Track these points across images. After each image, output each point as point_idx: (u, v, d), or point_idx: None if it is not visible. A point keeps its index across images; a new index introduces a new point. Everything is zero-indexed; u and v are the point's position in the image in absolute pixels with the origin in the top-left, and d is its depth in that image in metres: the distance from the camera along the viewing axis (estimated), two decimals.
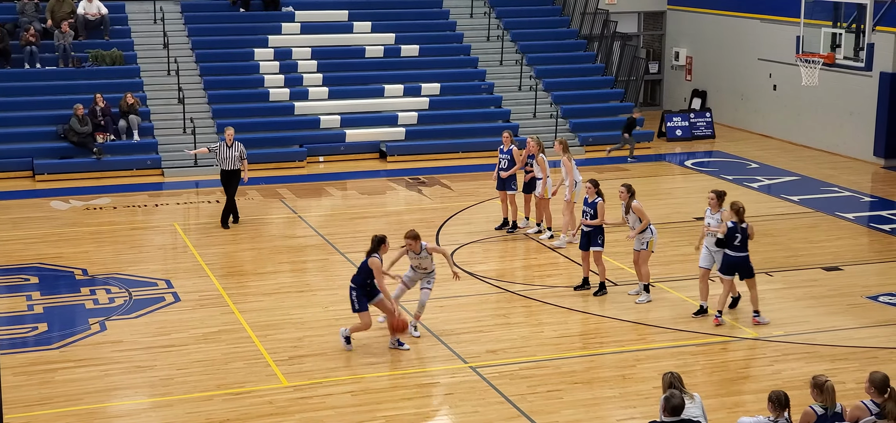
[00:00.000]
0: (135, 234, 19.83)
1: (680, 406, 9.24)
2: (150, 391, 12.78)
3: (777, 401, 9.45)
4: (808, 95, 26.81)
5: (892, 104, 25.37)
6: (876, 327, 14.91)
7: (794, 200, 22.27)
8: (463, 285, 16.61)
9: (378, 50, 28.85)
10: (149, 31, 28.15)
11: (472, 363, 13.54)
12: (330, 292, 16.34)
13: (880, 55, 24.23)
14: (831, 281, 16.98)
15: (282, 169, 24.88)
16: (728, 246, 14.65)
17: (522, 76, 29.16)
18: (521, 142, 19.96)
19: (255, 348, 13.97)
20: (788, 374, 13.16)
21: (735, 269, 14.75)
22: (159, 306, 15.59)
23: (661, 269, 17.25)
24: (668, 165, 26.38)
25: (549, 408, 12.23)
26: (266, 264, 17.74)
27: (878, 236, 19.87)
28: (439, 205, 21.71)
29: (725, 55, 30.93)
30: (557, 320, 15.16)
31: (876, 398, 9.59)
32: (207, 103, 26.53)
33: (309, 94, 27.23)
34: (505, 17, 30.95)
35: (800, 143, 28.17)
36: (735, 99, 30.73)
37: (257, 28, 28.63)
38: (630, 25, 33.14)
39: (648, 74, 33.43)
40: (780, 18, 27.99)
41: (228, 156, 19.65)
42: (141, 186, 23.35)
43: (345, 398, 12.48)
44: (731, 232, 14.60)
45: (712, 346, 14.22)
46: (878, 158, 25.80)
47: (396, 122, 26.97)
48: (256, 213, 21.08)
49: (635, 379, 13.10)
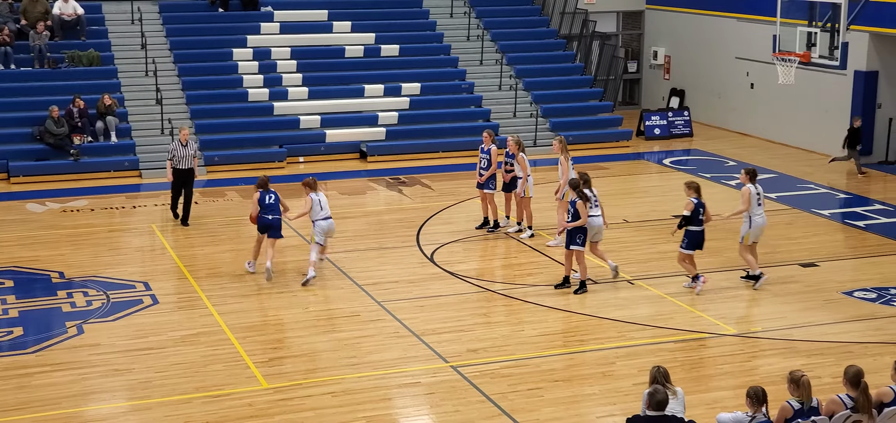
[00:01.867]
0: (112, 236, 19.77)
1: (664, 402, 9.29)
2: (129, 394, 12.74)
3: (755, 397, 9.52)
4: (784, 93, 26.96)
5: (866, 102, 25.56)
6: (851, 322, 15.02)
7: (771, 197, 22.36)
8: (443, 284, 16.67)
9: (358, 50, 28.83)
10: (126, 32, 28.05)
11: (453, 362, 13.57)
12: (309, 292, 16.32)
13: (854, 54, 24.39)
14: (808, 277, 17.09)
15: (261, 170, 24.78)
16: (694, 223, 15.65)
17: (502, 76, 29.21)
18: (502, 141, 19.97)
19: (234, 350, 13.95)
20: (766, 369, 13.25)
21: (700, 242, 15.86)
22: (137, 309, 15.54)
23: (640, 266, 17.33)
24: (646, 164, 26.48)
25: (529, 406, 12.27)
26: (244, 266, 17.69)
27: (854, 233, 20.01)
28: (420, 205, 21.73)
29: (703, 54, 31.07)
30: (538, 318, 15.21)
31: (851, 392, 9.68)
32: (186, 104, 26.46)
33: (288, 94, 27.20)
34: (485, 17, 30.99)
35: (776, 141, 28.33)
36: (713, 98, 30.87)
37: (236, 28, 28.57)
38: (609, 25, 33.23)
39: (627, 73, 33.54)
40: (757, 17, 28.13)
41: (184, 155, 19.83)
42: (118, 187, 23.26)
43: (325, 399, 12.48)
44: (696, 208, 15.76)
45: (691, 342, 14.30)
46: None
47: (377, 122, 26.97)
48: (235, 214, 21.04)
49: (615, 376, 13.16)
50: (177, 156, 19.85)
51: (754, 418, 9.48)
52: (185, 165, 19.88)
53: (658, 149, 28.16)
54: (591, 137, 27.61)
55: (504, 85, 29.04)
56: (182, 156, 19.82)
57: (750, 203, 16.21)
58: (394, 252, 18.48)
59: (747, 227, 16.33)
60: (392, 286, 16.60)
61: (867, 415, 9.63)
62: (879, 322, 15.00)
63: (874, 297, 16.05)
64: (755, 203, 16.27)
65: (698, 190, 15.96)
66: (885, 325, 14.90)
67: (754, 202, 16.26)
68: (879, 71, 25.53)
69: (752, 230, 16.34)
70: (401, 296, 16.12)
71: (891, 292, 16.23)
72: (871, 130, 25.75)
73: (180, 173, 19.91)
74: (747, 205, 16.22)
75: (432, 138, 26.78)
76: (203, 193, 22.82)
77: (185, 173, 19.94)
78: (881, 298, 16.00)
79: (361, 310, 15.53)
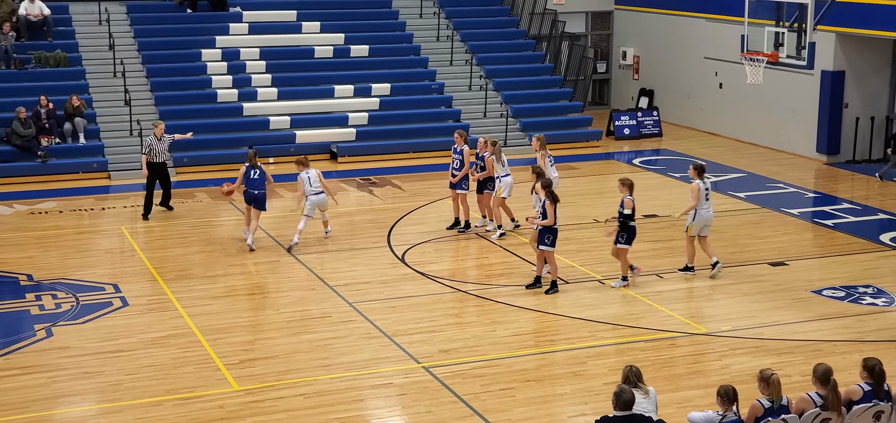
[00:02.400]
0: (81, 238, 19.63)
1: (630, 401, 9.33)
2: (99, 397, 12.66)
3: (726, 395, 9.57)
4: (752, 93, 27.13)
5: (833, 102, 25.78)
6: (820, 320, 15.14)
7: (741, 196, 22.53)
8: (415, 285, 16.66)
9: (327, 50, 28.78)
10: (94, 33, 27.87)
11: (425, 362, 13.57)
12: (281, 294, 16.28)
13: (821, 54, 24.59)
14: (777, 276, 17.22)
15: (231, 171, 24.64)
16: (632, 219, 16.16)
17: (472, 76, 29.24)
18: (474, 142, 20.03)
19: (204, 353, 13.89)
20: (736, 368, 13.33)
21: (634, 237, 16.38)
22: (107, 311, 15.44)
23: (611, 266, 17.38)
24: (616, 164, 26.59)
25: (501, 406, 12.29)
26: (215, 267, 17.64)
27: (822, 231, 20.17)
28: (391, 205, 21.71)
29: (672, 54, 31.22)
30: (510, 318, 15.23)
31: (820, 390, 9.76)
32: (154, 105, 26.30)
33: (258, 95, 27.11)
34: (454, 18, 31.01)
35: (745, 140, 28.52)
36: (681, 97, 31.02)
37: (204, 29, 28.44)
38: (578, 25, 33.33)
39: (596, 73, 33.65)
40: (725, 18, 28.30)
41: (160, 149, 20.43)
42: (87, 189, 23.11)
43: (297, 401, 12.44)
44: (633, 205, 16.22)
45: (661, 342, 14.36)
46: (821, 155, 26.20)
47: (347, 122, 26.93)
48: (206, 215, 20.96)
49: (586, 376, 13.20)
50: (153, 150, 20.39)
51: (725, 416, 9.53)
52: (160, 159, 20.50)
53: (628, 149, 28.27)
54: (561, 137, 27.66)
55: (474, 85, 29.07)
56: (158, 150, 20.41)
57: (699, 198, 16.61)
58: (365, 253, 18.46)
59: (692, 218, 16.77)
60: (364, 287, 16.59)
61: (836, 413, 9.71)
62: (848, 321, 15.13)
63: (843, 295, 16.18)
64: (703, 198, 16.72)
65: (632, 187, 16.30)
66: (854, 323, 15.03)
67: (702, 197, 16.69)
68: (846, 71, 25.74)
69: (695, 223, 16.79)
70: (372, 297, 16.11)
71: (859, 291, 16.37)
72: (839, 130, 25.97)
73: (156, 167, 20.49)
74: (697, 200, 16.65)
75: (403, 139, 26.77)
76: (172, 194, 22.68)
77: (160, 166, 20.56)
78: (849, 296, 16.14)
79: (333, 311, 15.51)
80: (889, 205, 22.05)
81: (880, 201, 22.39)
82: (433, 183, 23.07)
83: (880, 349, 13.55)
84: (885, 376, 10.00)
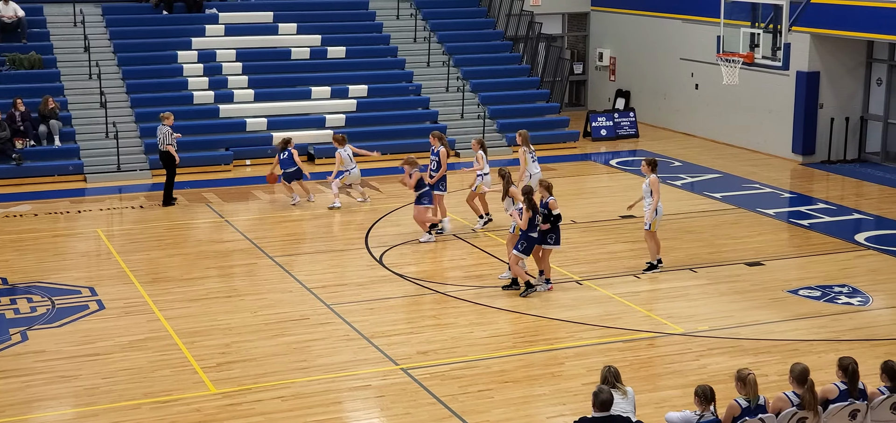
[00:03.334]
0: (57, 241, 19.52)
1: (608, 402, 9.36)
2: (75, 401, 12.58)
3: (703, 395, 9.61)
4: (728, 94, 27.26)
5: (808, 102, 25.93)
6: (796, 320, 15.22)
7: (717, 197, 22.63)
8: (393, 286, 16.65)
9: (304, 52, 28.73)
10: (69, 34, 27.72)
11: (403, 364, 13.55)
12: (258, 296, 16.23)
13: (796, 55, 24.74)
14: (754, 276, 17.29)
15: (208, 173, 24.66)
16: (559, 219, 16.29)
17: (449, 77, 29.25)
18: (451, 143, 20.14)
19: (181, 356, 13.83)
20: (714, 368, 13.38)
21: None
22: (83, 315, 15.36)
23: (588, 267, 17.44)
24: (593, 165, 26.65)
25: (480, 408, 12.29)
26: (192, 270, 17.57)
27: (798, 231, 20.28)
28: (368, 206, 21.69)
29: (648, 55, 31.33)
30: (488, 320, 15.24)
31: (797, 390, 9.81)
32: (130, 107, 26.20)
33: (234, 96, 27.03)
34: (432, 19, 31.01)
35: (721, 141, 28.64)
36: (658, 99, 31.14)
37: (180, 30, 28.34)
38: (554, 27, 33.40)
39: (573, 74, 33.74)
40: (701, 19, 28.42)
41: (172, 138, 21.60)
42: (63, 192, 22.99)
43: (274, 403, 12.41)
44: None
45: (639, 342, 14.40)
46: (797, 155, 26.34)
47: (324, 124, 26.88)
48: (182, 218, 20.89)
49: (565, 376, 13.22)
50: (166, 139, 21.50)
51: (702, 416, 9.57)
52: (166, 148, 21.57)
53: (605, 150, 28.35)
54: (538, 138, 27.62)
55: (451, 86, 29.08)
56: (171, 139, 21.59)
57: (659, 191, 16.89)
58: (343, 255, 18.43)
59: (655, 213, 16.92)
60: (341, 289, 16.56)
61: (813, 412, 9.76)
62: (824, 320, 15.21)
63: (819, 295, 16.27)
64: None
65: (550, 188, 16.36)
66: (830, 322, 15.12)
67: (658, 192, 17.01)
68: (821, 71, 25.90)
69: (658, 217, 17.01)
70: (350, 299, 16.09)
71: (834, 290, 16.47)
72: (814, 130, 26.12)
73: (167, 156, 21.53)
74: (659, 193, 16.83)
75: (380, 140, 26.70)
76: (148, 197, 22.64)
77: (170, 156, 21.55)
78: (825, 296, 16.23)
79: (310, 313, 15.47)
80: (864, 205, 22.21)
81: (855, 201, 22.55)
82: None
83: (855, 349, 13.64)
84: (859, 375, 10.07)
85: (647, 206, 16.98)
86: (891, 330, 14.90)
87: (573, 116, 30.71)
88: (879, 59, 25.98)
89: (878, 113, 26.19)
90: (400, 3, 31.12)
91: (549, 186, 16.34)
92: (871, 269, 17.71)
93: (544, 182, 16.47)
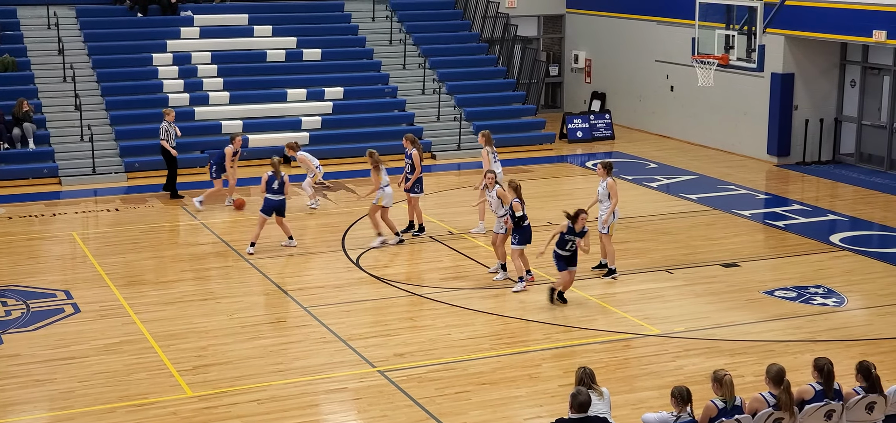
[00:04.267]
0: (32, 244, 19.39)
1: (586, 403, 9.37)
2: (50, 405, 12.50)
3: (679, 396, 9.64)
4: (703, 95, 27.39)
5: (783, 104, 26.08)
6: (772, 321, 15.29)
7: (692, 198, 22.72)
8: (369, 289, 16.63)
9: (280, 54, 28.67)
10: (43, 37, 27.55)
11: (381, 367, 13.54)
12: (234, 299, 16.17)
13: (771, 56, 24.90)
14: (729, 277, 17.37)
15: (183, 175, 24.51)
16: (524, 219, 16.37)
17: (425, 80, 29.24)
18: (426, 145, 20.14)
19: (157, 359, 13.76)
20: (690, 369, 13.43)
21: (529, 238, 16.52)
22: (58, 318, 15.26)
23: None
24: (569, 166, 26.71)
25: (457, 410, 12.29)
26: (168, 273, 17.50)
27: (773, 233, 20.39)
28: (344, 209, 21.66)
29: (623, 57, 31.42)
30: (465, 321, 15.24)
31: (773, 390, 9.85)
32: (105, 110, 26.06)
33: (209, 99, 26.93)
34: (407, 21, 31.00)
35: (696, 142, 28.76)
36: (633, 100, 31.24)
37: (155, 33, 28.22)
38: (530, 29, 33.46)
39: (549, 76, 33.80)
40: (676, 21, 28.53)
41: (174, 134, 22.19)
42: (37, 195, 22.84)
43: (251, 406, 12.37)
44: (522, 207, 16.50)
45: (616, 343, 14.44)
46: (772, 157, 26.49)
47: (300, 126, 26.82)
48: (157, 220, 20.79)
49: (542, 378, 13.24)
50: (169, 134, 21.99)
51: (679, 417, 9.60)
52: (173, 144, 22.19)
53: (581, 151, 28.41)
54: (514, 141, 27.78)
55: (427, 89, 29.08)
56: (173, 134, 22.13)
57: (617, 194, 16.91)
58: (319, 257, 18.40)
59: (614, 217, 16.90)
60: (318, 291, 16.53)
61: (789, 413, 9.81)
62: (799, 321, 15.29)
63: (794, 296, 16.36)
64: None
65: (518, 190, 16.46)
66: (805, 323, 15.20)
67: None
68: (795, 73, 26.05)
69: (616, 221, 17.04)
70: (327, 301, 16.06)
71: (810, 291, 16.56)
72: (789, 132, 26.27)
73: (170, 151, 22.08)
74: (617, 196, 16.85)
75: (356, 143, 26.68)
76: (124, 199, 22.55)
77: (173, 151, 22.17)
78: (801, 297, 16.32)
79: (287, 316, 15.44)
80: (839, 206, 22.36)
81: (830, 203, 22.69)
82: None
83: (831, 349, 13.72)
84: (835, 375, 10.13)
85: (604, 209, 16.98)
86: (865, 331, 15.01)
87: (549, 118, 30.77)
88: (853, 60, 26.17)
89: (851, 114, 26.37)
90: (375, 5, 31.10)
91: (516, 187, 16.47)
92: (845, 270, 17.82)
93: (513, 183, 16.53)
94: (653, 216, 20.87)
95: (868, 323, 15.37)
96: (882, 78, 25.57)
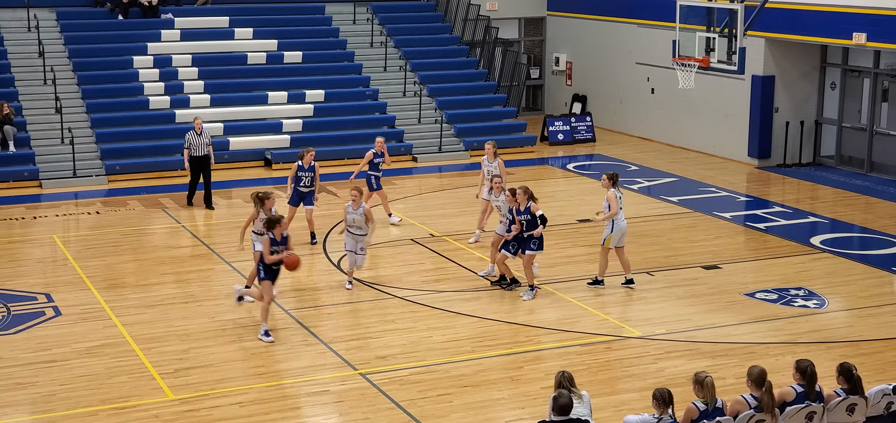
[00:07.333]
0: (13, 247, 19.29)
1: (568, 406, 9.38)
2: (32, 408, 12.44)
3: (661, 398, 9.66)
4: (684, 98, 27.48)
5: (763, 106, 26.20)
6: (753, 322, 15.35)
7: (673, 200, 22.79)
8: (351, 291, 16.60)
9: (260, 57, 28.62)
10: (23, 39, 27.43)
11: (362, 369, 13.53)
12: (215, 302, 16.13)
13: (751, 59, 25.00)
14: (711, 279, 17.43)
15: (163, 178, 24.48)
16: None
17: (406, 82, 29.24)
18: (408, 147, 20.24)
19: (139, 362, 13.72)
20: (672, 371, 13.47)
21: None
22: (39, 321, 15.19)
23: (546, 271, 17.47)
24: (550, 169, 26.75)
25: (439, 412, 12.29)
26: (149, 276, 17.44)
27: (754, 235, 20.47)
28: (326, 212, 21.59)
29: (604, 60, 31.50)
30: (446, 324, 15.24)
31: (754, 392, 9.89)
32: (86, 113, 25.97)
33: (190, 101, 26.86)
34: (388, 24, 31.00)
35: (677, 145, 28.85)
36: (614, 103, 31.32)
37: (136, 35, 28.14)
38: (511, 31, 33.51)
39: (530, 79, 33.86)
40: (657, 23, 28.61)
41: (200, 143, 21.43)
42: (18, 198, 22.73)
43: (232, 409, 12.34)
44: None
45: (597, 346, 14.47)
46: (753, 159, 26.60)
47: (281, 129, 26.78)
48: (138, 223, 20.72)
49: (523, 380, 13.26)
50: (193, 145, 21.39)
51: (661, 419, 9.61)
52: (201, 153, 21.49)
53: (562, 154, 28.47)
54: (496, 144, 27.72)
55: (408, 91, 29.08)
56: (198, 144, 21.40)
57: (617, 207, 16.34)
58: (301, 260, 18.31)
59: (610, 230, 16.41)
60: (299, 294, 16.51)
61: (770, 415, 9.84)
62: (781, 323, 15.36)
63: (775, 298, 16.42)
64: (619, 207, 16.40)
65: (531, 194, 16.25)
66: (786, 325, 15.26)
67: (618, 206, 16.38)
68: (776, 75, 26.17)
69: (614, 233, 16.41)
70: (308, 304, 16.04)
71: (791, 293, 16.63)
72: (770, 134, 26.38)
73: (196, 161, 21.51)
74: (616, 209, 16.30)
75: (337, 145, 26.68)
76: (105, 202, 22.46)
77: (202, 160, 21.57)
78: (782, 299, 16.39)
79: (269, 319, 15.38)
80: (819, 208, 22.46)
81: (811, 204, 22.80)
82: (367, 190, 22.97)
83: (812, 351, 13.78)
84: (817, 377, 10.17)
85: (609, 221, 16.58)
86: (846, 332, 15.09)
87: (530, 121, 30.82)
88: (833, 63, 26.30)
89: (832, 117, 26.50)
90: (357, 7, 31.09)
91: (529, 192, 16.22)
92: (826, 271, 17.91)
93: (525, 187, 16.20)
94: (633, 219, 20.89)
95: (849, 325, 15.44)
96: (862, 80, 25.72)
